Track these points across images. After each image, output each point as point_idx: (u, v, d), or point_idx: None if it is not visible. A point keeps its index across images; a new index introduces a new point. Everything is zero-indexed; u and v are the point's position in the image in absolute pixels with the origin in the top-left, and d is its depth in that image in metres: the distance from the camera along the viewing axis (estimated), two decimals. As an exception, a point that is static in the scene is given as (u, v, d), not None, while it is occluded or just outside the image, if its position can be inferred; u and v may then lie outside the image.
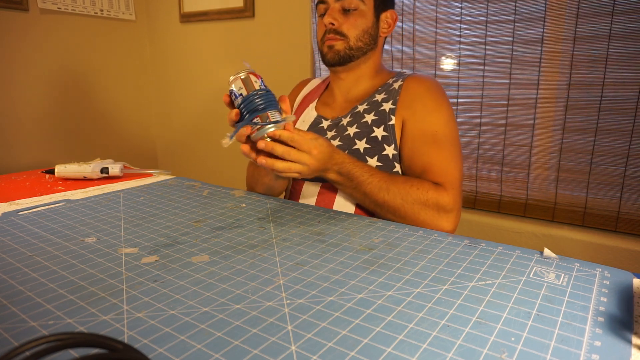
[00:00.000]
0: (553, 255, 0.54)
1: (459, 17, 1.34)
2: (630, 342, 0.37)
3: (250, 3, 1.80)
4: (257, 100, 0.65)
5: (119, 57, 2.11)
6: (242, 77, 0.66)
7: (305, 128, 0.94)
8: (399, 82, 0.89)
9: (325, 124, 0.93)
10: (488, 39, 1.31)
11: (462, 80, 1.39)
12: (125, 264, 0.52)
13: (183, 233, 0.62)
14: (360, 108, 0.90)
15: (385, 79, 0.94)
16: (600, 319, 0.40)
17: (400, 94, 0.87)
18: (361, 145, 0.85)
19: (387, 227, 0.65)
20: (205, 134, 2.12)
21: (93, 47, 1.99)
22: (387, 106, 0.87)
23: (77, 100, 1.96)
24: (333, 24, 0.88)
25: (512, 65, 1.29)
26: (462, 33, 1.35)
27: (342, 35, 0.89)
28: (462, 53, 1.36)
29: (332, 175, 0.75)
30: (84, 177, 0.92)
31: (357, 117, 0.89)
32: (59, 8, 1.83)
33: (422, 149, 0.81)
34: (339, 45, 0.89)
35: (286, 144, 0.67)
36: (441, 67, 1.42)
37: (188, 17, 2.02)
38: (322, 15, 0.91)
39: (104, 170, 0.93)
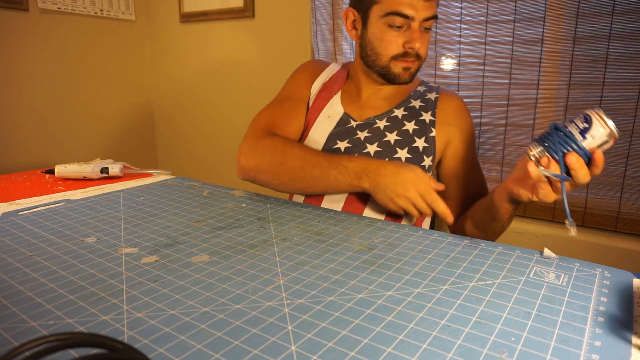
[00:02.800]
0: (553, 255, 0.54)
1: (459, 17, 1.34)
2: (630, 342, 0.37)
3: (250, 3, 1.80)
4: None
5: (119, 57, 2.11)
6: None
7: (332, 125, 0.89)
8: (434, 94, 0.90)
9: (353, 123, 0.88)
10: (488, 39, 1.31)
11: (462, 80, 1.39)
12: (125, 264, 0.52)
13: (183, 233, 0.62)
14: (398, 113, 0.88)
15: (412, 84, 0.94)
16: (600, 319, 0.40)
17: (437, 107, 0.88)
18: (403, 154, 0.85)
19: (387, 227, 0.65)
20: (206, 134, 2.12)
21: (93, 47, 1.99)
22: (426, 117, 0.87)
23: (77, 100, 1.96)
24: (420, 48, 0.81)
25: (512, 65, 1.29)
26: (462, 33, 1.35)
27: (419, 58, 0.83)
28: (462, 53, 1.36)
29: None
30: (84, 177, 0.92)
31: (396, 123, 0.87)
32: (59, 8, 1.83)
33: (477, 166, 0.88)
34: (414, 67, 0.85)
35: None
36: (441, 67, 1.42)
37: (188, 17, 2.02)
38: (394, 27, 0.80)
39: (104, 170, 0.93)
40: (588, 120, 0.54)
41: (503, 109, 1.34)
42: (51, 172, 0.98)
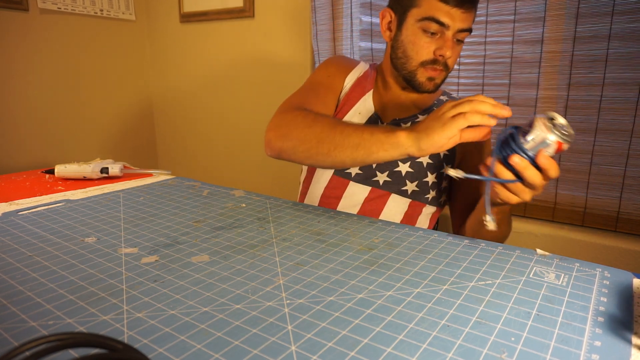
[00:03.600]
0: (546, 253, 0.54)
1: (459, 17, 1.34)
2: (630, 342, 0.37)
3: (250, 3, 1.80)
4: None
5: (119, 57, 2.11)
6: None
7: (362, 122, 0.89)
8: None
9: (380, 125, 0.88)
10: (488, 39, 1.31)
11: (462, 80, 1.39)
12: (125, 264, 0.52)
13: (183, 233, 0.62)
14: (422, 119, 0.88)
15: (437, 93, 0.94)
16: (600, 319, 0.40)
17: None
18: (425, 159, 0.86)
19: (387, 227, 0.65)
20: (206, 134, 2.12)
21: (93, 47, 1.99)
22: None
23: (77, 100, 1.96)
24: (450, 58, 0.81)
25: (512, 65, 1.29)
26: (462, 33, 1.35)
27: (447, 68, 0.84)
28: (462, 53, 1.36)
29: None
30: (84, 177, 0.92)
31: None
32: (59, 8, 1.83)
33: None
34: (440, 78, 0.84)
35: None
36: (441, 67, 1.42)
37: (188, 17, 2.02)
38: (429, 33, 0.80)
39: (104, 170, 0.93)
40: (532, 123, 0.56)
41: (503, 109, 1.34)
42: (51, 172, 0.98)
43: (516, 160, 0.55)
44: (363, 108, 0.90)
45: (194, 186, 0.88)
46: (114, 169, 0.94)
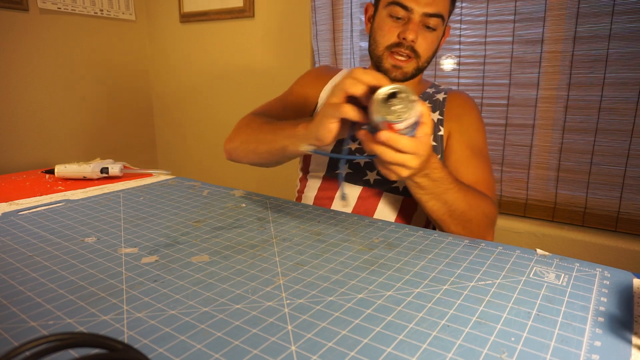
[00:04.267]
0: (546, 253, 0.54)
1: (459, 17, 1.34)
2: (630, 342, 0.37)
3: (250, 3, 1.80)
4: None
5: (119, 57, 2.11)
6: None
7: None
8: (442, 95, 0.90)
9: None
10: (488, 39, 1.31)
11: (462, 80, 1.39)
12: (125, 264, 0.52)
13: (183, 233, 0.62)
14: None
15: (423, 87, 0.94)
16: (600, 319, 0.40)
17: (446, 106, 0.88)
18: None
19: (387, 227, 0.65)
20: (206, 134, 2.12)
21: (93, 47, 1.99)
22: (434, 116, 0.87)
23: (77, 100, 1.96)
24: (413, 41, 0.80)
25: (512, 65, 1.29)
26: (462, 33, 1.35)
27: (416, 55, 0.81)
28: (462, 53, 1.36)
29: (421, 179, 0.63)
30: (84, 177, 0.92)
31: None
32: (58, 8, 1.83)
33: (472, 161, 0.83)
34: (409, 67, 0.83)
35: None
36: (441, 67, 1.42)
37: (188, 17, 2.02)
38: (394, 18, 0.80)
39: (104, 170, 0.93)
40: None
41: (503, 109, 1.34)
42: (51, 172, 0.98)
43: (361, 136, 0.55)
44: None
45: (194, 186, 0.88)
46: (114, 169, 0.94)
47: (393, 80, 0.84)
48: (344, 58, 1.60)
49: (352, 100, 0.56)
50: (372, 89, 0.53)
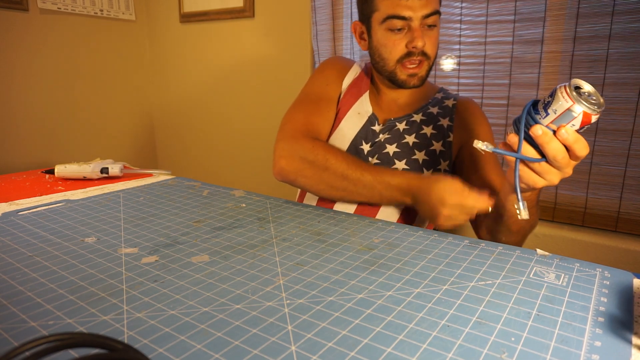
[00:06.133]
0: (546, 253, 0.54)
1: (459, 17, 1.34)
2: (630, 342, 0.37)
3: (250, 3, 1.80)
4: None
5: (119, 57, 2.11)
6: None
7: (361, 123, 0.89)
8: (451, 101, 0.92)
9: (377, 126, 0.89)
10: (488, 39, 1.31)
11: (462, 81, 1.39)
12: (125, 264, 0.52)
13: (183, 233, 0.62)
14: (417, 118, 0.89)
15: (431, 91, 0.95)
16: (600, 319, 0.40)
17: (455, 113, 0.90)
18: (420, 156, 0.86)
19: (387, 227, 0.65)
20: (205, 134, 2.12)
21: (93, 47, 1.99)
22: (444, 122, 0.88)
23: (77, 100, 1.96)
24: (423, 47, 0.80)
25: (512, 66, 1.29)
26: (462, 33, 1.35)
27: (427, 56, 0.82)
28: (462, 53, 1.36)
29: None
30: (84, 177, 0.92)
31: (414, 127, 0.88)
32: (58, 8, 1.83)
33: (490, 169, 0.83)
34: (423, 71, 0.83)
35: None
36: (441, 67, 1.42)
37: (188, 17, 2.02)
38: (395, 30, 0.81)
39: (104, 170, 0.93)
40: (552, 93, 0.48)
41: (503, 109, 1.34)
42: (51, 172, 0.98)
43: (538, 132, 0.48)
44: (361, 108, 0.91)
45: (194, 186, 0.88)
46: (114, 169, 0.94)
47: (410, 87, 0.85)
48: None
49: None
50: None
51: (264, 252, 0.55)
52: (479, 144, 0.53)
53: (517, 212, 0.53)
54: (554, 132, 0.49)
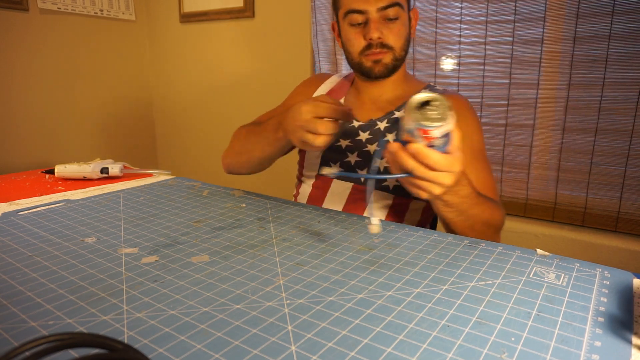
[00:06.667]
0: (546, 253, 0.54)
1: (459, 17, 1.34)
2: (630, 342, 0.37)
3: (250, 3, 1.80)
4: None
5: (119, 57, 2.11)
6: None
7: None
8: None
9: (356, 123, 0.89)
10: (488, 39, 1.31)
11: (462, 81, 1.39)
12: (125, 264, 0.52)
13: (183, 233, 0.62)
14: (398, 114, 0.89)
15: (417, 87, 0.94)
16: (600, 319, 0.40)
17: None
18: None
19: (387, 227, 0.65)
20: (206, 133, 2.12)
21: (93, 47, 1.99)
22: None
23: (77, 100, 1.96)
24: (380, 38, 0.81)
25: (512, 65, 1.29)
26: (462, 33, 1.35)
27: (388, 47, 0.83)
28: (462, 53, 1.37)
29: (450, 197, 0.59)
30: (84, 177, 0.92)
31: (396, 124, 0.88)
32: (58, 8, 1.83)
33: (474, 164, 0.82)
34: (387, 58, 0.84)
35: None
36: (441, 67, 1.42)
37: (188, 17, 2.02)
38: (356, 25, 0.83)
39: (104, 170, 0.93)
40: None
41: (503, 109, 1.34)
42: (51, 172, 0.98)
43: (391, 149, 0.52)
44: None
45: (194, 186, 0.88)
46: (114, 169, 0.94)
47: (377, 76, 0.87)
48: (344, 58, 1.60)
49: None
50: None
51: (264, 252, 0.55)
52: (324, 170, 0.61)
53: (369, 226, 0.55)
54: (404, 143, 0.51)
